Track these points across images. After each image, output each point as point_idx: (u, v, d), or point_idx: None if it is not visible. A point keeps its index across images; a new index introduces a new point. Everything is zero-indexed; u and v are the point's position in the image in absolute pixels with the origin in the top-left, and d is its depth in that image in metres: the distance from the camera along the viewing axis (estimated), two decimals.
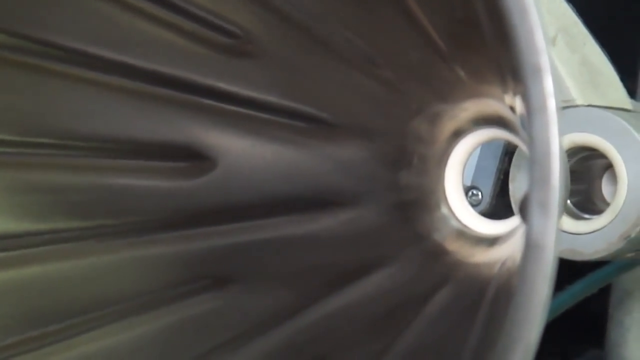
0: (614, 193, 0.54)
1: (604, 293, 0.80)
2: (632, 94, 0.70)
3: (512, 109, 0.47)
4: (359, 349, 0.55)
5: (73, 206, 0.53)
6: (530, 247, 0.28)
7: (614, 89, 0.61)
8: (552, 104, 0.27)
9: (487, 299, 0.50)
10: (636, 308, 0.84)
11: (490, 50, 0.43)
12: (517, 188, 0.55)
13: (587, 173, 0.57)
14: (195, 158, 0.54)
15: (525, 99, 0.29)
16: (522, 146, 0.52)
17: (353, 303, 0.55)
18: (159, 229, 0.54)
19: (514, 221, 0.55)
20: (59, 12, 0.51)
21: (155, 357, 0.55)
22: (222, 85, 0.53)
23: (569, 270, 0.52)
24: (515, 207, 0.54)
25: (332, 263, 0.56)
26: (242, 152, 0.54)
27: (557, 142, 0.27)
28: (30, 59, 0.52)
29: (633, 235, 0.53)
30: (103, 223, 0.53)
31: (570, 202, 0.56)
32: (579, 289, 0.74)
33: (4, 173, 0.52)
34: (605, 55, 0.59)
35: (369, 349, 0.54)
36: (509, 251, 0.52)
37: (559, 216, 0.29)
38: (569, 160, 0.55)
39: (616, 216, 0.55)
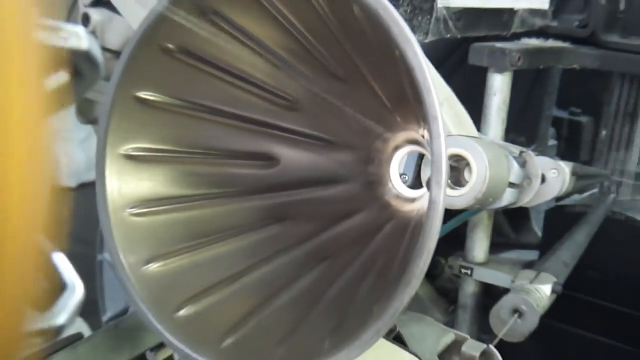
0: (470, 177, 0.80)
1: (465, 225, 1.13)
2: (479, 129, 1.00)
3: (423, 136, 0.79)
4: (347, 252, 0.81)
5: (209, 182, 0.81)
6: (431, 202, 0.57)
7: (470, 127, 0.91)
8: (442, 134, 0.57)
9: (410, 229, 0.79)
10: (478, 229, 1.17)
11: (413, 107, 0.69)
12: (425, 174, 0.82)
13: (457, 167, 0.82)
14: (269, 159, 0.84)
15: (429, 132, 0.57)
16: (428, 154, 0.79)
17: (344, 231, 0.84)
18: (250, 194, 0.83)
19: (423, 190, 0.83)
20: (201, 88, 0.76)
21: (243, 258, 0.80)
22: (282, 124, 0.82)
23: (449, 213, 0.73)
24: (424, 183, 0.83)
25: (334, 211, 0.85)
26: (292, 156, 0.84)
27: (444, 152, 0.57)
28: (185, 110, 0.77)
29: (479, 197, 0.80)
30: (224, 191, 0.82)
31: (450, 181, 0.82)
32: (454, 222, 1.06)
33: (171, 166, 0.78)
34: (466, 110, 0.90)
35: (352, 251, 0.80)
36: (421, 205, 0.83)
37: (445, 188, 0.58)
38: (450, 161, 0.80)
39: (471, 188, 0.80)
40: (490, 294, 1.19)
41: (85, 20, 1.19)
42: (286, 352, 0.67)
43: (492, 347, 0.96)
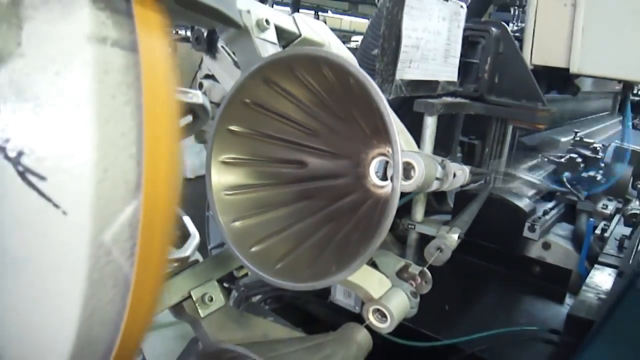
0: (414, 174, 0.71)
1: (411, 200, 1.13)
2: (419, 147, 1.02)
3: (388, 151, 0.77)
4: (345, 216, 0.77)
5: (268, 176, 0.77)
6: (393, 189, 0.57)
7: (414, 146, 0.90)
8: (398, 151, 0.58)
9: (381, 203, 0.76)
10: (418, 202, 1.14)
11: (382, 135, 0.66)
12: (389, 173, 0.79)
13: (407, 168, 0.70)
14: (301, 163, 0.80)
15: (391, 149, 0.58)
16: (391, 161, 0.71)
17: (343, 204, 0.80)
18: (290, 183, 0.79)
19: (388, 182, 0.80)
20: (265, 123, 0.73)
21: (286, 220, 0.76)
22: (308, 144, 0.78)
23: (402, 194, 0.82)
24: (389, 178, 0.80)
25: (338, 193, 0.81)
26: (314, 162, 0.80)
27: (400, 161, 0.58)
28: (255, 136, 0.73)
29: (419, 185, 0.73)
30: (276, 181, 0.78)
31: (403, 177, 0.82)
32: (405, 199, 1.05)
33: (247, 167, 0.74)
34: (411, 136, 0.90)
35: (348, 216, 0.77)
36: (387, 190, 0.79)
37: (400, 181, 0.60)
38: (403, 165, 0.85)
39: (414, 181, 0.71)
40: (425, 239, 1.15)
41: (200, 87, 1.24)
42: (310, 273, 0.65)
43: (425, 269, 0.94)
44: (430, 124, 1.05)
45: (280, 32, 0.73)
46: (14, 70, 0.28)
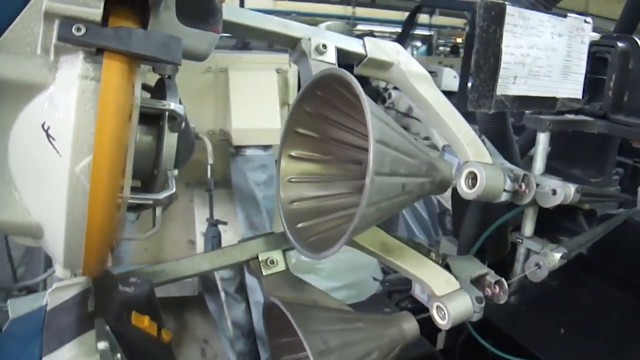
0: (477, 183, 0.85)
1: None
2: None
3: None
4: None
5: (331, 171, 0.89)
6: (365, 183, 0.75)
7: (486, 157, 0.91)
8: (372, 160, 0.74)
9: None
10: (528, 219, 1.13)
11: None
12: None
13: (472, 178, 0.87)
14: (359, 163, 0.88)
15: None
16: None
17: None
18: (346, 179, 1.00)
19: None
20: (327, 130, 0.99)
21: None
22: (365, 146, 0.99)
23: (509, 208, 0.90)
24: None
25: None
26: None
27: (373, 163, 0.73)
28: (317, 138, 0.92)
29: (480, 194, 0.85)
30: (333, 176, 0.90)
31: (467, 185, 0.88)
32: (513, 213, 1.11)
33: (309, 161, 0.87)
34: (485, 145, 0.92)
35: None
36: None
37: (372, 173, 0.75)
38: (468, 176, 0.91)
39: (476, 189, 0.85)
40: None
41: (389, 96, 1.39)
42: (325, 248, 0.75)
43: (502, 279, 0.96)
44: (542, 140, 1.06)
45: (345, 54, 0.88)
46: (51, 92, 0.52)
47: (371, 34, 5.06)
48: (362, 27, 6.71)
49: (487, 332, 1.24)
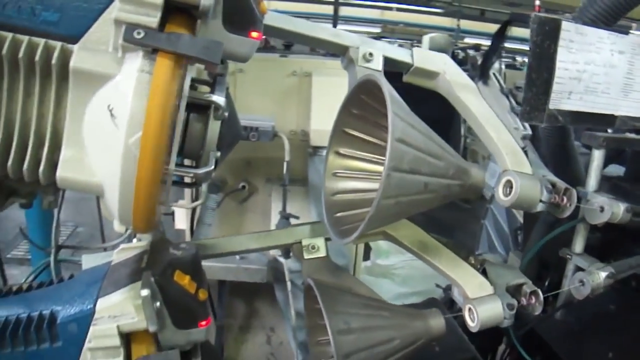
0: (512, 192, 0.88)
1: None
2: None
3: None
4: None
5: (372, 169, 1.08)
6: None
7: (526, 167, 0.92)
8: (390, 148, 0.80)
9: None
10: (579, 236, 1.17)
11: None
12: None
13: (508, 185, 0.89)
14: None
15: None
16: None
17: None
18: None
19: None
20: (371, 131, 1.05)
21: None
22: None
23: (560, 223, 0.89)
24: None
25: None
26: None
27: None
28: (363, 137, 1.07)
29: (514, 202, 0.87)
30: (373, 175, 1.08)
31: (504, 193, 0.90)
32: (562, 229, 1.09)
33: (352, 158, 1.02)
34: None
35: None
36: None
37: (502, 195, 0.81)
38: (506, 186, 0.96)
39: (511, 197, 0.87)
40: None
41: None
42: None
43: (538, 290, 0.98)
44: (596, 157, 1.07)
45: (393, 62, 0.95)
46: (117, 80, 0.65)
47: (477, 47, 4.99)
48: (469, 39, 6.63)
49: (536, 348, 1.25)
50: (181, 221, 2.03)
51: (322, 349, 1.06)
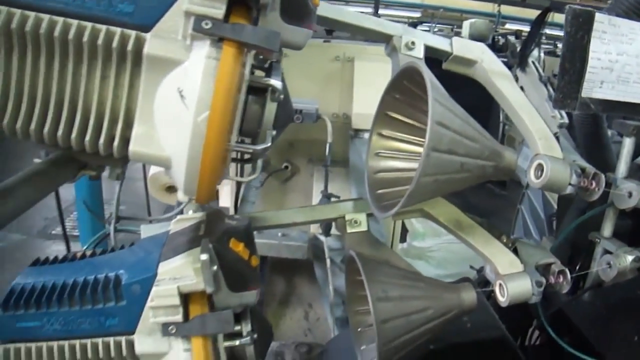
0: (542, 174, 0.94)
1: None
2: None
3: None
4: None
5: (413, 151, 1.16)
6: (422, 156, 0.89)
7: (557, 151, 0.97)
8: (430, 130, 0.87)
9: None
10: (608, 222, 1.22)
11: None
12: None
13: (539, 169, 0.95)
14: None
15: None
16: None
17: None
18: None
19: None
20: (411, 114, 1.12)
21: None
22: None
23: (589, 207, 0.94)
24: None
25: None
26: None
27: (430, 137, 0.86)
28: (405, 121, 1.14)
29: (545, 184, 0.92)
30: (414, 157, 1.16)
31: (535, 175, 0.96)
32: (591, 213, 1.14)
33: (392, 140, 1.13)
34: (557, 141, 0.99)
35: None
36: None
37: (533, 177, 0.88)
38: (537, 169, 1.02)
39: (542, 179, 0.92)
40: None
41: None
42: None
43: (566, 269, 1.04)
44: (627, 144, 1.11)
45: (433, 50, 1.02)
46: (186, 66, 0.73)
47: (518, 34, 4.94)
48: (510, 25, 6.57)
49: (565, 331, 1.30)
50: (226, 198, 2.14)
51: (361, 317, 1.14)
